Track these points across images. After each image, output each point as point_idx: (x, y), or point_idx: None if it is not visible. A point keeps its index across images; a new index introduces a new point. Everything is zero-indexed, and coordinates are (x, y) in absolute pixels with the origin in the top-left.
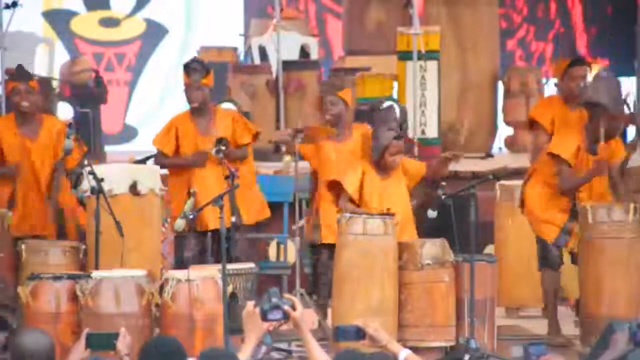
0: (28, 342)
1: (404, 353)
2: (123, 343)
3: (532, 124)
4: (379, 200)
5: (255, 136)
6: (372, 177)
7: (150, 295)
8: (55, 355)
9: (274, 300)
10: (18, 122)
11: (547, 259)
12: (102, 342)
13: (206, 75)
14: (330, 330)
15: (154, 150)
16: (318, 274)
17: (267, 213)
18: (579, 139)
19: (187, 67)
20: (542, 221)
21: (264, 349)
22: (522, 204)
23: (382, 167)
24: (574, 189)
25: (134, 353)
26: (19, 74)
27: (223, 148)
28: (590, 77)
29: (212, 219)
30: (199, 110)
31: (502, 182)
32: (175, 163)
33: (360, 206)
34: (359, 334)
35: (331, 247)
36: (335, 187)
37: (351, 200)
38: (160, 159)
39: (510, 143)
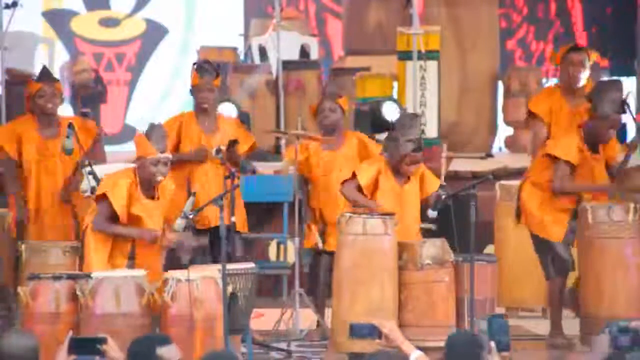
0: (12, 345)
1: (415, 354)
2: (114, 350)
3: (530, 116)
4: (393, 205)
5: (252, 147)
6: (390, 182)
7: (150, 295)
8: (51, 356)
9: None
10: (40, 124)
11: (555, 264)
12: (86, 347)
13: (216, 78)
14: (329, 330)
15: None
16: (317, 275)
17: (246, 228)
18: (578, 137)
19: (200, 68)
20: (547, 223)
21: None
22: (519, 212)
23: (398, 172)
24: (569, 193)
25: (125, 355)
26: (44, 75)
27: (223, 148)
28: (588, 65)
29: (214, 217)
30: (205, 111)
31: (502, 182)
32: (175, 158)
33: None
34: (374, 332)
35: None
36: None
37: (360, 191)
38: None
39: (510, 143)
